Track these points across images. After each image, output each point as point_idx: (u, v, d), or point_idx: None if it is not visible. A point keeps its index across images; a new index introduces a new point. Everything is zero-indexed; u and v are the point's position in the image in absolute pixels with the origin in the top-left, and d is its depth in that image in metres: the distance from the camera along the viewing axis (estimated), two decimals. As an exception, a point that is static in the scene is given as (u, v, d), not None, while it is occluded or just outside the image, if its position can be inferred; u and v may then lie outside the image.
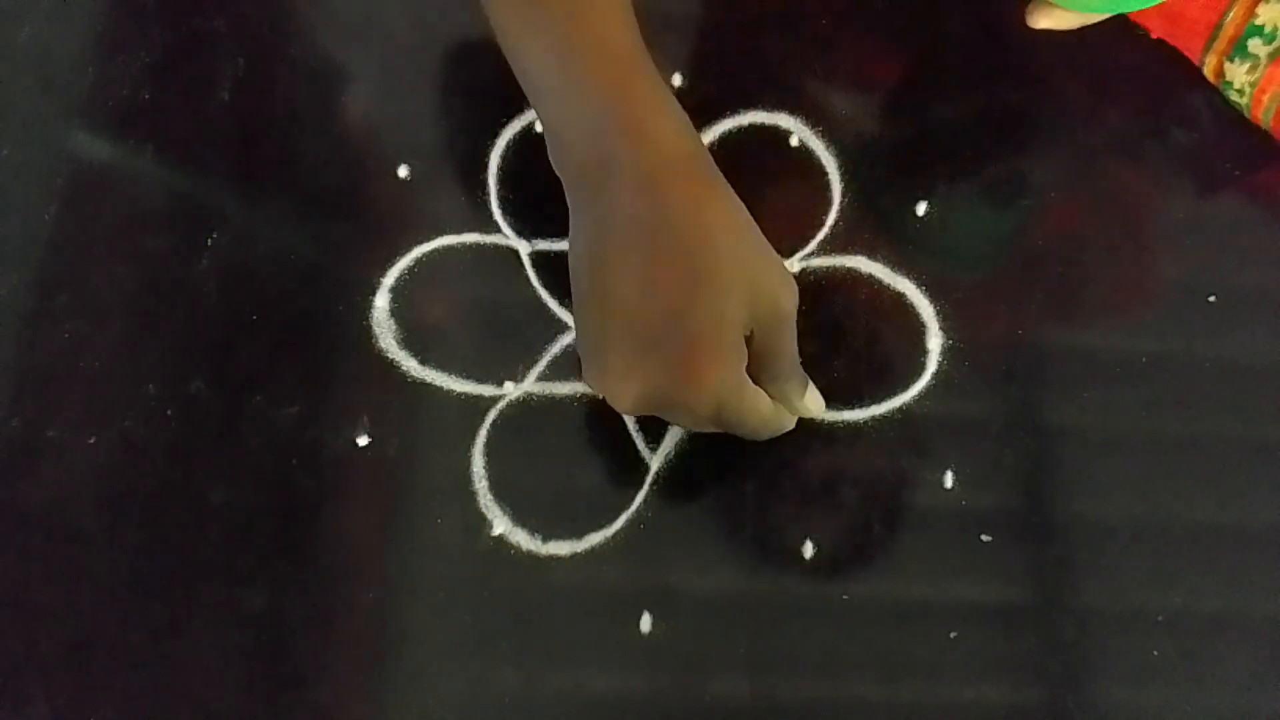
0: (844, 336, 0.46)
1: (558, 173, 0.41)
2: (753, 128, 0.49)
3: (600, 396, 0.41)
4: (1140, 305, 0.48)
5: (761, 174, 0.48)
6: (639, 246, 0.39)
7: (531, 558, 0.43)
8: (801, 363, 0.45)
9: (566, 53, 0.40)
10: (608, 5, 0.40)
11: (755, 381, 0.41)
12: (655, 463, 0.44)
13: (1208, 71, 0.49)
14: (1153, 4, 0.45)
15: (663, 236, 0.38)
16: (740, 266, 0.39)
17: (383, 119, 0.50)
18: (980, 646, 0.42)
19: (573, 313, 0.42)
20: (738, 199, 0.41)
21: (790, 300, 0.41)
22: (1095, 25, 0.47)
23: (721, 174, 0.41)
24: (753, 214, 0.41)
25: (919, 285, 0.47)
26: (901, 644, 0.42)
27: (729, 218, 0.40)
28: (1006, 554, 0.43)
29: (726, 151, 0.48)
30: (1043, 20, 0.46)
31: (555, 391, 0.45)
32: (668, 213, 0.39)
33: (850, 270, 0.47)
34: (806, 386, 0.43)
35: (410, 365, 0.45)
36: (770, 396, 0.41)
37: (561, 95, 0.40)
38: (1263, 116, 0.48)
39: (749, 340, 0.40)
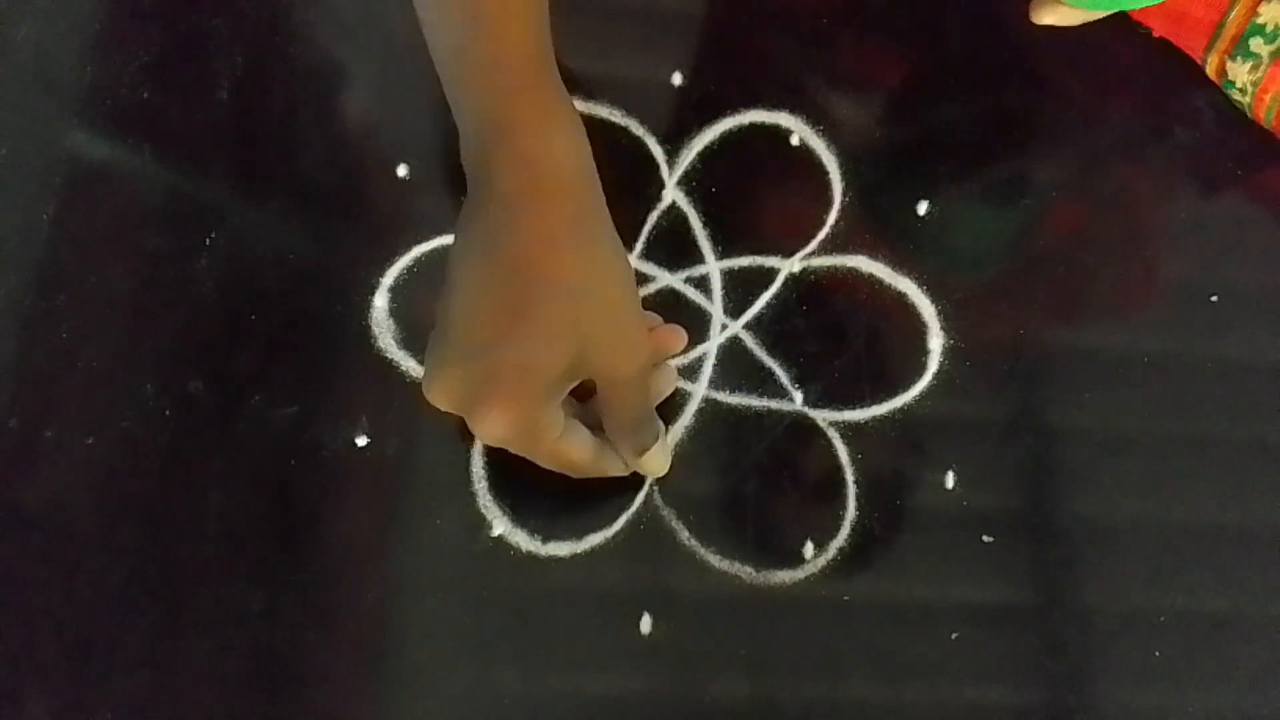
0: (845, 336, 0.46)
1: None
2: (753, 127, 0.49)
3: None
4: (1142, 305, 0.48)
5: (761, 174, 0.48)
6: (481, 268, 0.37)
7: (531, 558, 0.43)
8: (802, 362, 0.45)
9: (461, 52, 0.38)
10: (505, 4, 0.38)
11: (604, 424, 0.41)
12: (655, 463, 0.44)
13: (1210, 70, 0.49)
14: (1155, 1, 0.45)
15: (503, 266, 0.37)
16: (573, 316, 0.37)
17: (382, 118, 0.50)
18: (981, 647, 0.42)
19: None
20: (614, 242, 0.39)
21: (630, 364, 0.39)
22: (1097, 23, 0.47)
23: (605, 211, 0.38)
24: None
25: (920, 285, 0.47)
26: (902, 645, 0.42)
27: (585, 261, 0.37)
28: (1008, 554, 0.43)
29: (726, 151, 0.48)
30: (1046, 17, 0.46)
31: (555, 391, 0.45)
32: (519, 242, 0.37)
33: (851, 270, 0.47)
34: (651, 442, 0.41)
35: (409, 365, 0.45)
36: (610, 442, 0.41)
37: (455, 94, 0.39)
38: (1265, 116, 0.48)
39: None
